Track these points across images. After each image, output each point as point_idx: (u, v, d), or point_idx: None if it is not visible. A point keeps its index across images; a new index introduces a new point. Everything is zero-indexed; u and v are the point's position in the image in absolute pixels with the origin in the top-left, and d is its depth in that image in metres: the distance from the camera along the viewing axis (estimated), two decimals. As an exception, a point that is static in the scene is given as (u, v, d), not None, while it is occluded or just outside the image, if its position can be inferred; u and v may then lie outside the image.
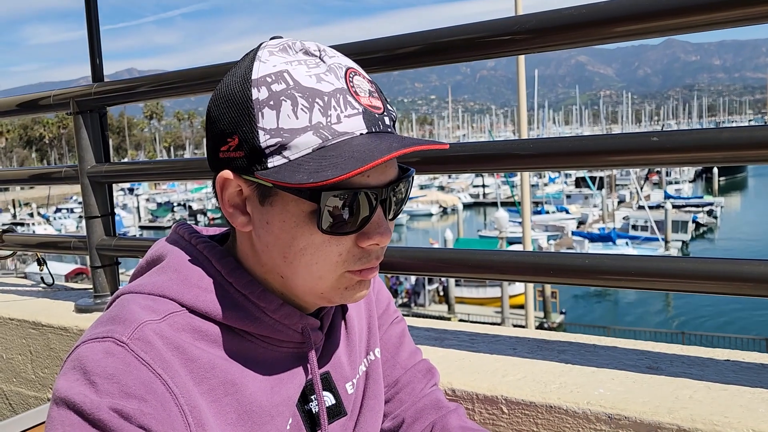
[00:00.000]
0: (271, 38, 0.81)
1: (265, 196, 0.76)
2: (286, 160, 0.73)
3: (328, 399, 0.89)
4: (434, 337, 1.42)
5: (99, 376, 0.68)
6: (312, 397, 0.86)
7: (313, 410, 0.86)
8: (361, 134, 0.74)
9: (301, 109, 0.72)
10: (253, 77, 0.74)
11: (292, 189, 0.72)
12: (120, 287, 0.85)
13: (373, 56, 1.33)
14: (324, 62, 0.76)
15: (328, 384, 0.90)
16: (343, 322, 0.96)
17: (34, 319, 1.88)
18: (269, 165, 0.73)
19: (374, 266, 0.80)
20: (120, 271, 2.03)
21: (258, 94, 0.73)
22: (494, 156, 1.25)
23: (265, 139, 0.73)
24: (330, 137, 0.73)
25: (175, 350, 0.74)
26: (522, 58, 12.63)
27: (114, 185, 2.01)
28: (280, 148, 0.72)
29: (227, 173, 0.76)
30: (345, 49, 1.36)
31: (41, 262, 2.21)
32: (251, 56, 0.78)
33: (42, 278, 2.24)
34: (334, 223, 0.74)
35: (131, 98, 1.84)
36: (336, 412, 0.89)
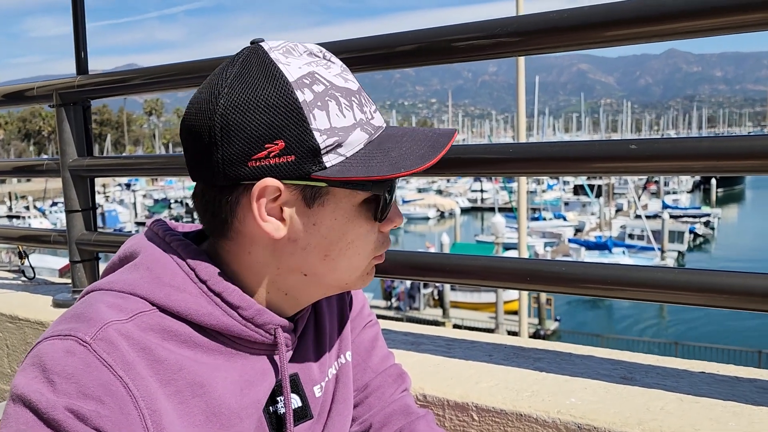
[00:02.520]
0: (254, 42, 0.79)
1: (315, 197, 0.77)
2: (343, 158, 0.75)
3: (295, 401, 0.88)
4: (411, 342, 1.41)
5: (58, 375, 0.67)
6: (278, 398, 0.85)
7: (279, 412, 0.85)
8: (384, 127, 0.80)
9: (345, 107, 0.76)
10: (289, 79, 0.73)
11: (359, 183, 0.76)
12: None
13: (341, 56, 1.32)
14: (333, 62, 0.79)
15: (296, 386, 0.88)
16: (314, 325, 0.95)
17: (11, 313, 1.86)
18: (327, 165, 0.74)
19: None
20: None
21: (303, 96, 0.73)
22: (474, 160, 1.24)
23: (322, 140, 0.74)
24: (373, 132, 0.78)
25: (141, 351, 0.72)
26: (522, 64, 12.64)
27: (112, 181, 1.99)
28: (336, 147, 0.75)
29: (271, 180, 0.74)
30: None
31: (23, 255, 2.20)
32: (262, 59, 0.76)
33: (23, 271, 2.23)
34: (382, 211, 0.81)
35: (115, 92, 1.82)
36: (302, 414, 0.88)
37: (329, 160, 0.74)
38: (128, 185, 58.20)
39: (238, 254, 0.81)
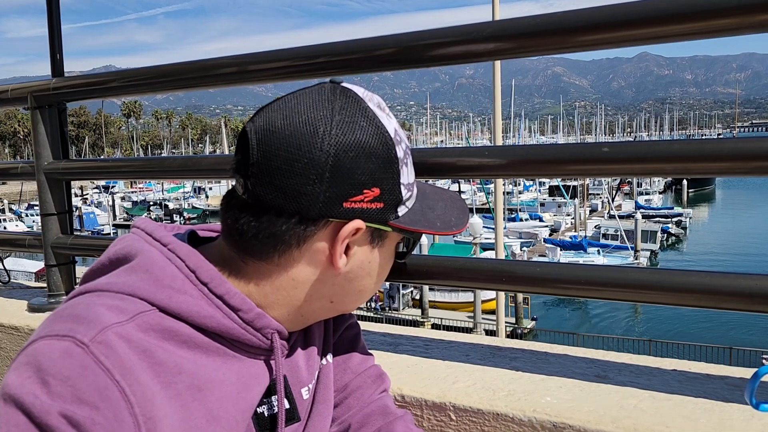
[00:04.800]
0: (334, 81, 0.84)
1: (380, 238, 0.86)
2: (407, 209, 0.86)
3: (284, 404, 0.88)
4: (389, 343, 1.42)
5: (53, 377, 0.65)
6: (266, 401, 0.86)
7: (266, 414, 0.85)
8: None
9: (412, 165, 0.88)
10: (390, 134, 0.81)
11: (417, 234, 0.90)
12: (82, 284, 0.83)
13: (316, 61, 1.33)
14: (392, 116, 0.85)
15: (285, 389, 0.89)
16: (303, 328, 0.95)
17: (-16, 318, 1.83)
18: (399, 214, 0.85)
19: None
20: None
21: (399, 152, 0.82)
22: (451, 164, 1.25)
23: (405, 193, 0.85)
24: (416, 186, 0.91)
25: (142, 354, 0.72)
26: (498, 67, 12.74)
27: (90, 183, 1.96)
28: (406, 200, 0.86)
29: (359, 223, 0.81)
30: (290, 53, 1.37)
31: (-4, 260, 2.16)
32: (362, 108, 0.81)
33: (-3, 276, 2.19)
34: (411, 251, 0.98)
35: (92, 95, 1.80)
36: (289, 417, 0.89)
37: (401, 210, 0.85)
38: (106, 188, 57.34)
39: (274, 278, 0.83)
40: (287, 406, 0.89)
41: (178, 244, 0.82)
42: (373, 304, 23.40)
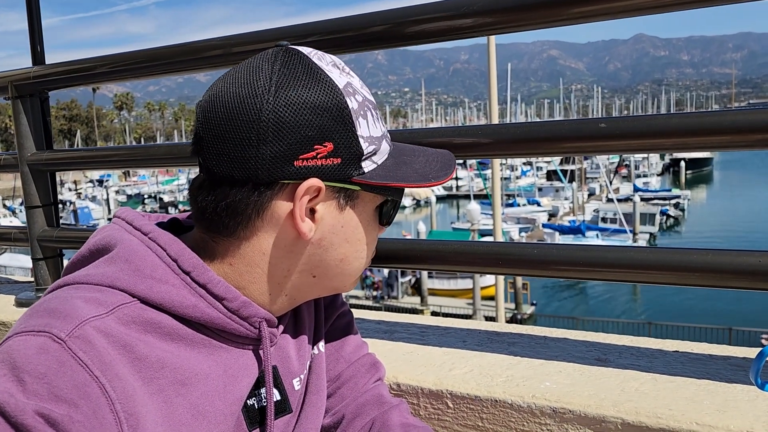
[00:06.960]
0: (280, 45, 0.80)
1: (348, 199, 0.81)
2: (375, 165, 0.81)
3: (274, 395, 0.86)
4: (385, 330, 1.39)
5: (29, 374, 0.62)
6: (256, 393, 0.83)
7: (256, 406, 0.83)
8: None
9: (376, 119, 0.83)
10: (339, 87, 0.77)
11: (389, 189, 0.83)
12: (62, 277, 0.79)
13: (305, 41, 1.29)
14: (353, 75, 0.82)
15: (276, 380, 0.87)
16: (293, 317, 0.93)
17: (-29, 314, 1.79)
18: (365, 170, 0.80)
19: None
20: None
21: (351, 103, 0.78)
22: (443, 143, 1.22)
23: (365, 146, 0.79)
24: (391, 144, 0.87)
25: (122, 349, 0.69)
26: (493, 46, 12.62)
27: (84, 177, 1.91)
28: (370, 155, 0.80)
29: (316, 181, 0.76)
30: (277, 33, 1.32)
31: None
32: (306, 63, 0.77)
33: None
34: (392, 216, 0.89)
35: (74, 81, 1.75)
36: (281, 408, 0.87)
37: (366, 166, 0.80)
38: (100, 181, 57.18)
39: (244, 253, 0.80)
40: (278, 397, 0.86)
41: (160, 233, 0.79)
42: (372, 292, 23.42)
